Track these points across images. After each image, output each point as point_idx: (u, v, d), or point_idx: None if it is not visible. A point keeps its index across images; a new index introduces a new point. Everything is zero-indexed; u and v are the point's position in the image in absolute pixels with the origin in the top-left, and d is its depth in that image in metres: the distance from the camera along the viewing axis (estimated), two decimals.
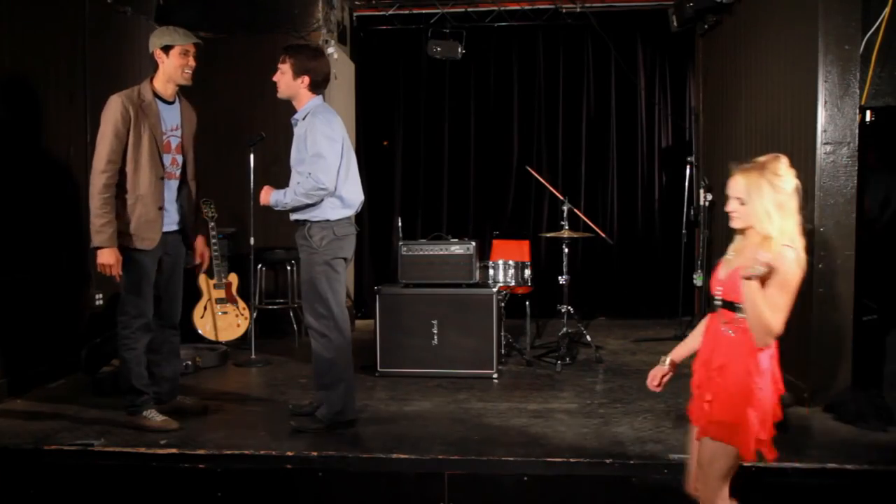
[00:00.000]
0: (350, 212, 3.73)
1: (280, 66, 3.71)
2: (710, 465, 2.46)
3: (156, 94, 3.68)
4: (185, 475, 3.29)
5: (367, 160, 6.87)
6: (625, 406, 4.14)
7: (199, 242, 3.98)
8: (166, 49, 3.69)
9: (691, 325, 6.39)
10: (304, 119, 3.68)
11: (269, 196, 3.66)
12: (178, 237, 3.83)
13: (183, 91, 3.86)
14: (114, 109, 3.54)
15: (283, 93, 3.74)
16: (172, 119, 3.74)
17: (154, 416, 3.63)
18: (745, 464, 2.52)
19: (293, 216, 3.70)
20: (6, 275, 4.33)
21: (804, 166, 4.16)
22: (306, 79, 3.68)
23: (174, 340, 3.94)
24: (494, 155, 7.63)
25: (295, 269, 6.07)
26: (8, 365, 4.33)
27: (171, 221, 3.75)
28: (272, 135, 5.49)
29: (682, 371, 5.09)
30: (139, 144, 3.56)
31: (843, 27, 3.98)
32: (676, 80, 7.45)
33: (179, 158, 3.77)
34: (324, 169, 3.53)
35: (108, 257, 3.50)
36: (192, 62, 3.71)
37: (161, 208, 3.63)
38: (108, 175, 3.51)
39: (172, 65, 3.67)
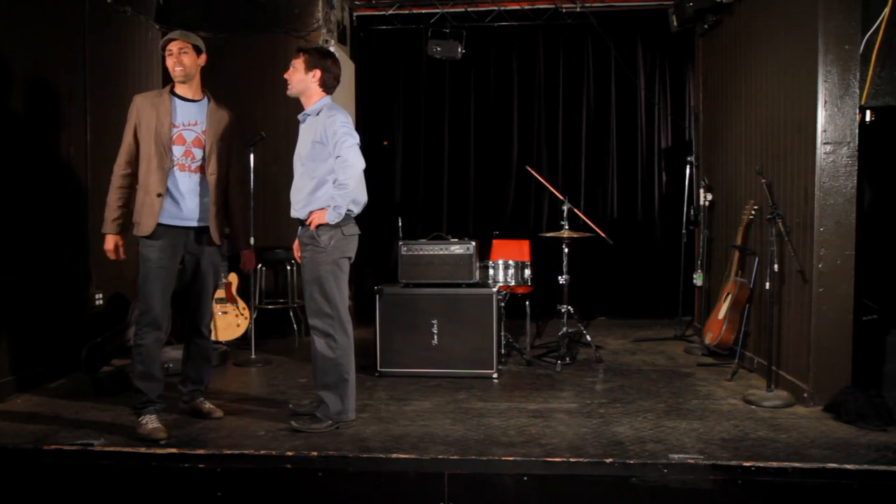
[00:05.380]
0: (357, 210, 3.74)
1: (293, 62, 3.73)
2: None
3: (174, 93, 3.74)
4: (185, 475, 3.29)
5: (367, 160, 6.88)
6: (625, 406, 4.14)
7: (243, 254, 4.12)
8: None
9: (691, 325, 6.40)
10: (317, 115, 3.69)
11: (324, 216, 3.57)
12: (199, 234, 3.78)
13: None
14: (131, 108, 3.73)
15: (293, 87, 3.74)
16: (190, 115, 3.73)
17: (147, 423, 3.58)
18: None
19: (300, 215, 3.70)
20: (6, 274, 4.33)
21: (804, 166, 4.17)
22: (318, 73, 3.70)
23: (200, 343, 3.94)
24: (494, 155, 7.63)
25: (295, 268, 6.07)
26: (8, 364, 4.33)
27: (188, 216, 3.73)
28: (272, 134, 5.50)
29: (681, 371, 5.11)
30: (147, 135, 3.66)
31: (843, 27, 3.98)
32: (676, 80, 7.46)
33: (197, 152, 3.73)
34: (354, 153, 3.58)
35: (105, 243, 3.74)
36: (177, 59, 3.69)
37: (160, 196, 3.64)
38: (120, 167, 3.71)
39: (168, 64, 3.74)
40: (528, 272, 5.48)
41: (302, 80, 3.71)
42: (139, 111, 3.68)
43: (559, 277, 5.30)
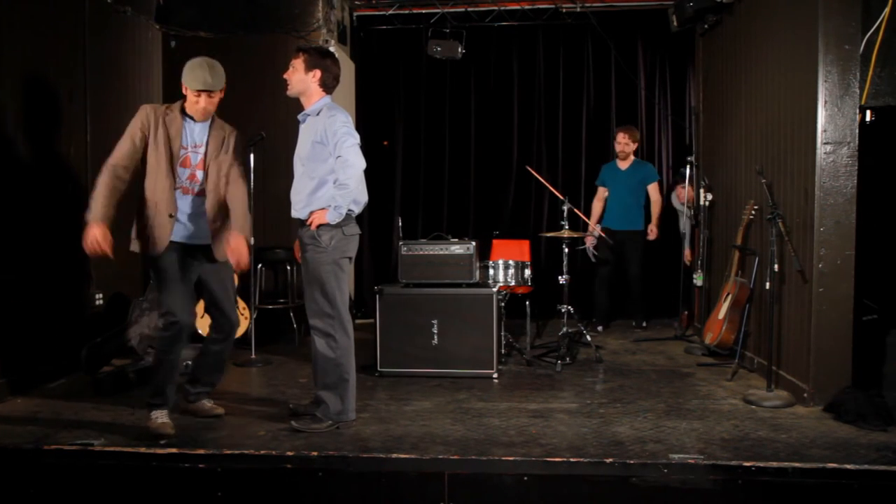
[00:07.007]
0: (357, 210, 3.75)
1: (293, 62, 3.72)
2: None
3: (184, 111, 3.67)
4: (185, 475, 3.29)
5: (367, 160, 6.90)
6: (625, 406, 4.14)
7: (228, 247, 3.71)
8: (184, 84, 3.67)
9: (691, 325, 6.40)
10: (317, 115, 3.69)
11: (325, 216, 3.56)
12: (198, 251, 3.76)
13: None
14: (137, 115, 3.64)
15: (294, 88, 3.73)
16: (198, 136, 3.70)
17: (157, 419, 3.60)
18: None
19: (300, 215, 3.71)
20: (6, 274, 4.33)
21: (804, 166, 4.17)
22: (318, 73, 3.70)
23: (216, 349, 3.92)
24: (494, 155, 7.63)
25: (295, 269, 6.07)
26: (8, 364, 4.33)
27: (192, 235, 3.70)
28: (272, 134, 5.50)
29: (681, 371, 5.11)
30: (157, 153, 3.59)
31: (843, 27, 3.98)
32: (676, 80, 7.46)
33: (199, 174, 3.70)
34: (355, 153, 3.58)
35: (88, 231, 3.39)
36: (204, 105, 3.62)
37: (172, 216, 3.61)
38: (119, 168, 3.55)
39: (188, 100, 3.66)
40: (528, 272, 5.48)
41: (302, 80, 3.71)
42: (150, 124, 3.60)
43: (559, 277, 5.30)
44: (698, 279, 6.03)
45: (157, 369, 3.70)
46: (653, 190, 6.57)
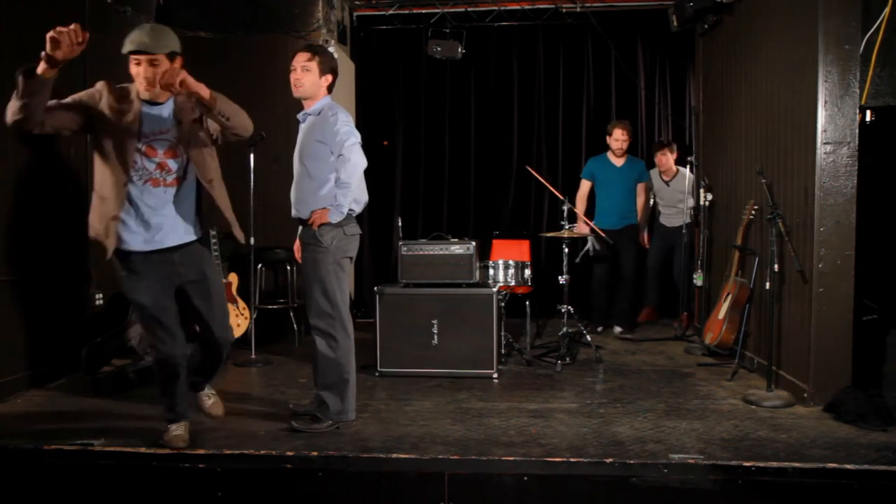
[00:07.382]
0: (358, 210, 3.76)
1: (307, 63, 3.66)
2: None
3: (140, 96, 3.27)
4: (185, 475, 3.29)
5: (367, 160, 6.91)
6: (625, 406, 4.14)
7: None
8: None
9: (691, 325, 6.40)
10: (318, 114, 3.69)
11: (326, 215, 3.56)
12: (185, 252, 3.38)
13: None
14: (97, 87, 3.28)
15: (307, 90, 3.69)
16: (159, 122, 3.28)
17: (173, 431, 3.46)
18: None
19: (301, 215, 3.71)
20: (6, 275, 4.33)
21: (804, 166, 4.17)
22: (330, 78, 3.72)
23: (212, 353, 3.65)
24: (494, 155, 7.63)
25: (295, 269, 6.07)
26: (8, 364, 4.33)
27: (169, 237, 3.32)
28: (272, 134, 5.50)
29: (681, 371, 5.11)
30: (105, 141, 3.20)
31: (843, 27, 3.98)
32: (676, 80, 7.46)
33: (172, 163, 3.29)
34: (357, 152, 3.60)
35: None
36: (144, 72, 3.17)
37: (115, 218, 3.18)
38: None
39: (131, 71, 3.22)
40: (528, 272, 5.48)
41: (315, 83, 3.69)
42: (100, 98, 3.21)
43: (559, 277, 5.30)
44: (698, 279, 6.03)
45: (162, 394, 3.49)
46: (642, 189, 6.57)
